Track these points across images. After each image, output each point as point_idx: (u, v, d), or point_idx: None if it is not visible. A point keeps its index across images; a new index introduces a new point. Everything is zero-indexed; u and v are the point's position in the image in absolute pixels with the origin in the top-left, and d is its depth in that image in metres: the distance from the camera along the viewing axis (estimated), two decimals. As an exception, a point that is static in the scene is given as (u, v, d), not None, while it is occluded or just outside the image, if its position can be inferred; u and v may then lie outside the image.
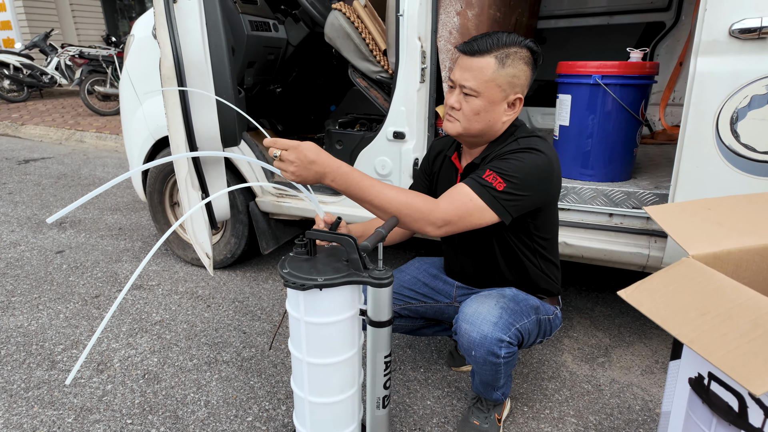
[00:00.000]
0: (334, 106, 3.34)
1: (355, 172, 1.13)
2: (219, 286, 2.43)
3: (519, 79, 1.24)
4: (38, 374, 1.74)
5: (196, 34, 1.30)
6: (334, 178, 1.11)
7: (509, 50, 1.21)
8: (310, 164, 1.07)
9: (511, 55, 1.21)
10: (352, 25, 2.13)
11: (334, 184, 1.12)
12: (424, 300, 1.59)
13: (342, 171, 1.11)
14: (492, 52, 1.21)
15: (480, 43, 1.21)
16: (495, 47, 1.21)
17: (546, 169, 1.22)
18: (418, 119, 1.96)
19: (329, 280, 1.10)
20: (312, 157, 1.06)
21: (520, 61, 1.22)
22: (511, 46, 1.21)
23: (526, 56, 1.23)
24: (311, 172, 1.08)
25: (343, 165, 1.11)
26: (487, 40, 1.21)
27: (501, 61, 1.21)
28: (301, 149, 1.06)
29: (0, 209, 3.50)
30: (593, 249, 1.80)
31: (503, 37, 1.22)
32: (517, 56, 1.22)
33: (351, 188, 1.13)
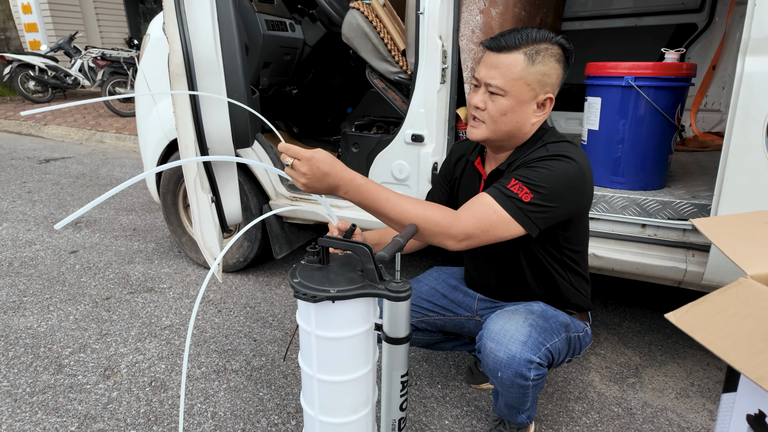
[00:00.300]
0: (350, 109, 3.28)
1: (370, 184, 1.05)
2: (230, 291, 2.38)
3: (550, 78, 1.15)
4: (44, 378, 1.70)
5: (207, 29, 1.24)
6: (348, 191, 1.04)
7: (539, 46, 1.12)
8: (323, 177, 1.00)
9: (541, 52, 1.12)
10: (370, 24, 2.06)
11: (348, 197, 1.05)
12: (443, 313, 1.50)
13: (356, 184, 1.03)
14: (521, 48, 1.12)
15: (508, 39, 1.12)
16: (524, 43, 1.12)
17: (577, 177, 1.13)
18: (438, 122, 1.88)
19: (342, 292, 1.02)
20: (325, 169, 0.99)
21: (551, 59, 1.14)
22: (542, 42, 1.13)
23: (557, 53, 1.14)
24: (324, 185, 1.01)
25: (357, 177, 1.04)
26: (515, 35, 1.12)
27: (530, 58, 1.12)
28: (315, 161, 0.98)
29: (18, 207, 3.52)
30: (624, 262, 1.69)
31: (533, 33, 1.13)
32: (548, 53, 1.13)
33: (365, 201, 1.06)
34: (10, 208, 3.50)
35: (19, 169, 4.64)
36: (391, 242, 1.00)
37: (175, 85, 1.23)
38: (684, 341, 2.03)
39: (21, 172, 4.56)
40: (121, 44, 10.95)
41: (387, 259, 0.96)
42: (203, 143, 1.37)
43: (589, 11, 3.23)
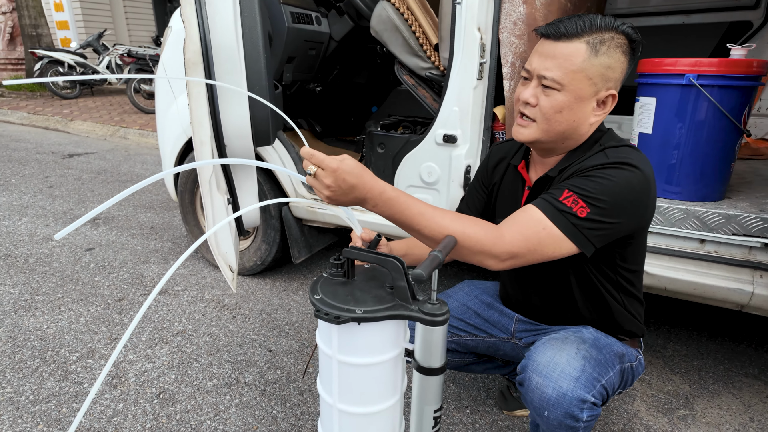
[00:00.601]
0: (375, 107, 3.15)
1: (402, 196, 0.92)
2: (246, 295, 2.27)
3: (614, 71, 0.99)
4: (49, 385, 1.61)
5: (228, 14, 1.12)
6: (376, 205, 0.91)
7: (604, 35, 0.97)
8: (349, 189, 0.87)
9: (606, 42, 0.97)
10: (401, 16, 1.93)
11: (376, 210, 0.92)
12: (476, 333, 1.35)
13: (386, 197, 0.90)
14: (583, 36, 0.97)
15: (569, 25, 0.97)
16: (587, 30, 0.97)
17: (642, 189, 0.97)
18: (473, 121, 1.73)
19: (370, 313, 0.89)
20: (352, 181, 0.86)
21: (617, 50, 0.98)
22: (607, 31, 0.97)
23: (623, 44, 0.99)
24: (349, 198, 0.89)
25: (387, 189, 0.91)
26: (577, 21, 0.97)
27: (594, 48, 0.97)
28: (340, 172, 0.85)
29: (39, 202, 3.50)
30: (679, 281, 1.51)
31: (597, 20, 0.98)
32: (614, 43, 0.98)
33: (396, 216, 0.93)
34: (30, 203, 3.48)
35: (43, 164, 4.66)
36: (428, 258, 0.87)
37: (190, 74, 1.12)
38: (738, 369, 1.84)
39: (44, 166, 4.57)
40: (148, 42, 11.08)
41: (425, 278, 0.82)
42: (220, 140, 1.26)
43: (631, 8, 3.04)
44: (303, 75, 2.44)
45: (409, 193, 1.94)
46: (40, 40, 9.07)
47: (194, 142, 1.14)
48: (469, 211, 1.35)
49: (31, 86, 9.05)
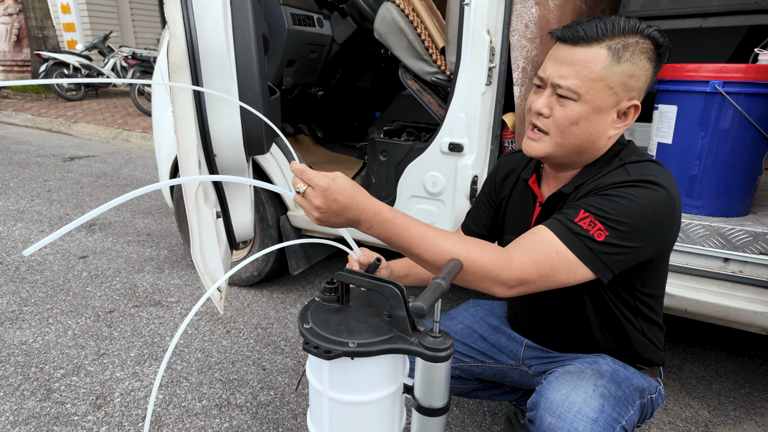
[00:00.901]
0: (379, 113, 3.06)
1: (399, 218, 0.83)
2: (242, 308, 2.18)
3: (637, 80, 0.90)
4: (29, 405, 1.53)
5: (217, 14, 1.04)
6: (371, 226, 0.83)
7: (628, 40, 0.87)
8: (341, 210, 0.80)
9: (630, 47, 0.87)
10: (406, 18, 1.84)
11: (371, 233, 0.84)
12: (481, 359, 1.25)
13: (381, 218, 0.82)
14: (604, 40, 0.87)
15: (588, 28, 0.87)
16: (609, 34, 0.87)
17: (666, 210, 0.87)
18: (480, 129, 1.64)
19: (365, 347, 0.80)
20: (344, 202, 0.79)
21: (642, 56, 0.88)
22: (631, 35, 0.87)
23: (649, 49, 0.89)
24: (341, 219, 0.81)
25: (382, 210, 0.82)
26: (598, 24, 0.88)
27: (616, 54, 0.87)
28: (331, 192, 0.78)
29: (35, 207, 3.43)
30: (701, 303, 1.41)
31: (620, 22, 0.88)
32: (638, 48, 0.88)
33: (393, 238, 0.84)
34: (27, 207, 3.41)
35: (44, 167, 4.60)
36: (430, 286, 0.77)
37: (175, 79, 1.03)
38: (760, 393, 1.73)
39: (44, 169, 4.52)
40: (154, 44, 11.08)
41: (426, 312, 0.72)
42: (209, 149, 1.17)
43: (646, 10, 2.94)
44: (304, 79, 2.35)
45: (413, 204, 1.86)
46: (46, 42, 9.07)
47: (179, 152, 1.05)
48: (476, 226, 1.26)
49: (36, 88, 9.05)
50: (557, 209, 1.01)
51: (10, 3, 9.12)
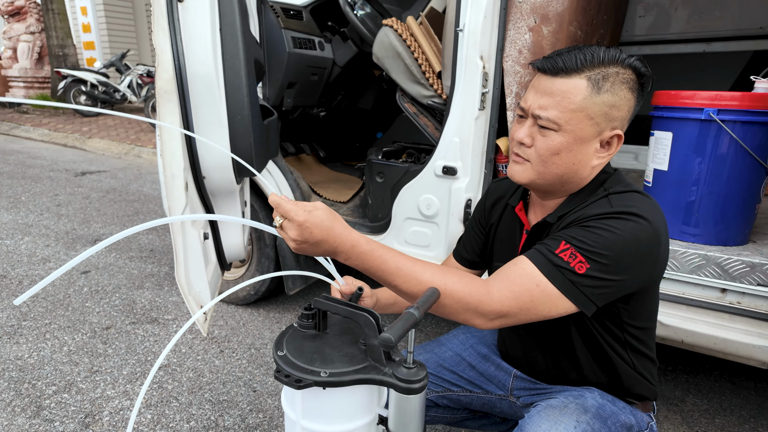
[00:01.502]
0: (380, 133, 3.09)
1: (378, 250, 0.83)
2: (237, 327, 2.17)
3: (619, 110, 0.89)
4: (19, 422, 1.53)
5: (205, 40, 1.06)
6: (348, 258, 0.83)
7: (608, 70, 0.87)
8: (317, 243, 0.81)
9: (610, 77, 0.87)
10: (404, 43, 1.86)
11: (349, 263, 0.84)
12: (470, 388, 1.22)
13: (358, 251, 0.82)
14: (583, 71, 0.87)
15: (567, 59, 0.87)
16: (588, 65, 0.87)
17: (650, 243, 0.85)
18: (474, 153, 1.64)
19: (336, 376, 0.79)
20: (320, 235, 0.80)
21: (623, 86, 0.88)
22: (611, 65, 0.87)
23: (630, 79, 0.88)
24: (319, 250, 0.82)
25: (359, 243, 0.82)
26: (577, 54, 0.88)
27: (596, 84, 0.87)
28: (307, 226, 0.79)
29: (44, 221, 3.49)
30: (698, 334, 1.37)
31: (600, 52, 0.88)
32: (619, 79, 0.87)
33: (371, 270, 0.84)
34: (35, 222, 3.47)
35: (55, 181, 4.70)
36: (402, 316, 0.76)
37: (163, 103, 1.05)
38: (766, 428, 1.66)
39: (56, 184, 4.61)
40: (169, 63, 11.33)
41: (394, 343, 0.71)
42: (197, 172, 1.18)
43: (649, 35, 2.94)
44: (305, 100, 2.38)
45: (407, 226, 1.85)
46: (66, 59, 9.35)
47: (164, 175, 1.07)
48: (467, 252, 1.25)
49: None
50: (542, 238, 1.00)
51: (33, 22, 9.44)
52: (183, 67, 1.04)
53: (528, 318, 0.86)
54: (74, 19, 10.61)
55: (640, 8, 2.94)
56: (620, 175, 0.99)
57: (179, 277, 1.13)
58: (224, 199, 1.35)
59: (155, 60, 1.02)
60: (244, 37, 1.17)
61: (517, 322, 0.86)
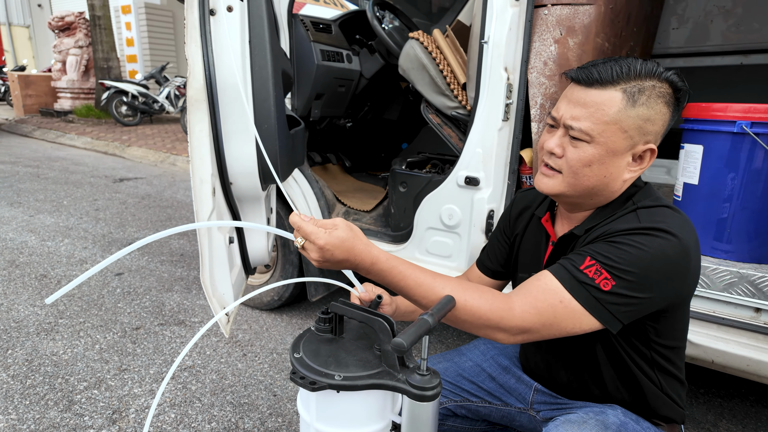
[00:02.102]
0: (405, 144, 3.11)
1: (398, 266, 0.85)
2: (261, 332, 2.21)
3: (654, 124, 0.87)
4: (51, 415, 1.60)
5: (235, 53, 1.11)
6: (369, 273, 0.87)
7: (644, 83, 0.86)
8: (338, 263, 0.84)
9: (646, 90, 0.85)
10: (429, 55, 1.89)
11: (369, 278, 0.89)
12: (489, 400, 1.21)
13: (378, 268, 0.85)
14: (619, 83, 0.86)
15: (603, 70, 0.87)
16: (624, 77, 0.86)
17: (679, 261, 0.83)
18: (497, 164, 1.63)
19: (350, 380, 0.80)
20: (341, 256, 0.82)
21: (659, 100, 0.86)
22: (648, 78, 0.86)
23: (666, 93, 0.87)
24: (341, 267, 0.87)
25: (380, 260, 0.85)
26: (613, 66, 0.87)
27: (631, 97, 0.85)
28: (328, 249, 0.81)
29: (83, 225, 3.65)
30: (730, 354, 1.31)
31: (636, 65, 0.86)
32: (655, 92, 0.86)
33: (391, 286, 0.88)
34: (75, 225, 3.64)
35: (95, 187, 4.91)
36: (416, 322, 0.77)
37: (193, 111, 1.10)
38: (807, 459, 1.57)
39: (95, 189, 4.82)
40: (205, 75, 11.74)
41: (406, 348, 0.72)
42: (225, 177, 1.23)
43: (683, 47, 2.87)
44: (332, 111, 2.43)
45: (429, 236, 1.86)
46: (110, 71, 9.82)
47: (193, 180, 1.11)
48: (490, 262, 1.24)
49: (97, 113, 9.75)
50: (568, 250, 0.99)
51: (81, 36, 9.97)
52: (213, 77, 1.09)
53: (551, 334, 0.85)
54: (119, 34, 11.16)
55: (674, 20, 2.88)
56: (650, 189, 0.97)
57: (204, 279, 1.17)
58: (250, 205, 1.39)
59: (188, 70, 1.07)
60: (273, 49, 1.21)
61: (540, 338, 0.86)
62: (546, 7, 1.54)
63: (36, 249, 3.10)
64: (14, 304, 2.36)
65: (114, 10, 10.84)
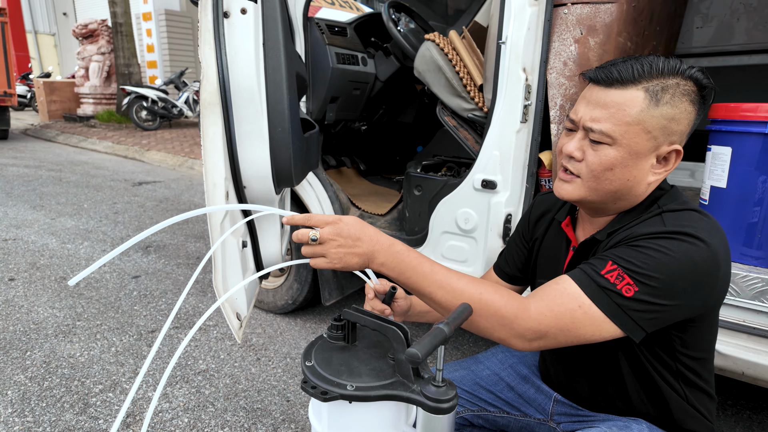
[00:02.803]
0: (421, 147, 3.08)
1: (413, 252, 0.84)
2: (275, 336, 2.20)
3: (679, 124, 0.83)
4: (67, 418, 1.60)
5: (249, 55, 1.10)
6: (385, 260, 0.83)
7: (667, 81, 0.82)
8: (354, 243, 0.82)
9: (669, 89, 0.81)
10: (445, 57, 1.86)
11: (384, 269, 0.84)
12: (507, 410, 1.17)
13: (395, 250, 0.83)
14: (641, 82, 0.82)
15: (624, 69, 0.83)
16: (646, 76, 0.82)
17: (707, 267, 0.78)
18: (515, 167, 1.59)
19: (363, 390, 0.77)
20: (356, 233, 0.81)
21: (683, 98, 0.82)
22: (671, 76, 0.82)
23: (691, 91, 0.83)
24: (356, 253, 0.83)
25: (396, 243, 0.83)
26: (634, 64, 0.83)
27: (654, 96, 0.81)
28: (342, 223, 0.81)
29: (102, 227, 3.71)
30: (762, 367, 1.25)
31: (659, 62, 0.82)
32: (679, 91, 0.82)
33: (406, 273, 0.84)
34: (95, 227, 3.70)
35: (115, 190, 4.99)
36: (431, 331, 0.74)
37: (207, 114, 1.09)
38: None
39: (115, 192, 4.90)
40: (223, 80, 11.89)
41: (420, 359, 0.69)
42: (239, 181, 1.22)
43: (708, 46, 2.79)
44: (347, 114, 2.42)
45: (444, 240, 1.82)
46: (131, 77, 10.02)
47: (206, 184, 1.11)
48: (508, 267, 1.21)
49: (118, 118, 9.94)
50: (590, 256, 0.95)
51: (104, 43, 10.20)
52: (227, 80, 1.09)
53: (569, 340, 0.81)
54: (140, 40, 11.39)
55: (698, 19, 2.80)
56: (677, 191, 0.92)
57: (216, 283, 1.16)
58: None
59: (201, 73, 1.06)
60: (287, 52, 1.20)
61: (557, 345, 0.81)
62: (566, 6, 1.50)
63: (56, 251, 3.15)
64: (34, 305, 2.39)
65: (135, 17, 11.07)
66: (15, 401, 1.67)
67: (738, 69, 2.75)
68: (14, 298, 2.46)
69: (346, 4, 2.76)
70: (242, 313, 1.23)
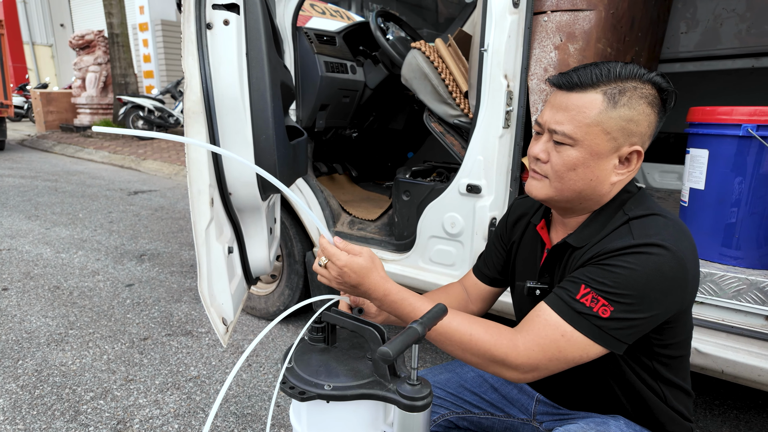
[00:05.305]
0: (411, 153, 3.11)
1: (407, 300, 0.91)
2: (266, 342, 2.21)
3: (638, 125, 0.86)
4: (57, 425, 1.61)
5: (232, 65, 1.13)
6: (380, 305, 0.93)
7: (625, 85, 0.85)
8: (353, 288, 0.92)
9: (627, 92, 0.85)
10: (431, 64, 1.89)
11: (381, 309, 0.95)
12: (491, 411, 1.19)
13: (390, 300, 0.91)
14: (599, 86, 0.86)
15: (583, 74, 0.86)
16: (604, 80, 0.85)
17: (675, 275, 0.81)
18: (498, 171, 1.62)
19: (339, 390, 0.79)
20: (355, 281, 0.90)
21: (641, 101, 0.85)
22: (629, 80, 0.85)
23: (650, 94, 0.86)
24: (356, 293, 0.93)
25: (391, 292, 0.91)
26: (593, 70, 0.87)
27: (612, 99, 0.85)
28: (345, 270, 0.89)
29: (97, 237, 3.72)
30: (740, 364, 1.27)
31: (617, 68, 0.86)
32: (637, 93, 0.85)
33: (401, 318, 0.93)
34: (89, 237, 3.71)
35: (110, 200, 5.01)
36: (404, 331, 0.76)
37: (190, 123, 1.12)
38: (830, 475, 1.50)
39: (111, 202, 4.91)
40: (220, 89, 11.94)
41: (391, 357, 0.71)
42: (224, 188, 1.24)
43: (693, 51, 2.83)
44: (337, 121, 2.45)
45: (432, 244, 1.85)
46: (127, 87, 10.07)
47: (190, 191, 1.13)
48: (487, 269, 1.23)
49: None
50: (563, 259, 0.97)
51: (100, 54, 10.25)
52: (210, 89, 1.11)
53: (560, 367, 0.84)
54: (136, 51, 11.45)
55: (683, 24, 2.85)
56: (643, 195, 0.95)
57: (202, 289, 1.18)
58: (251, 215, 1.40)
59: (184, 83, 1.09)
60: (270, 61, 1.23)
61: (551, 373, 0.85)
62: (545, 13, 1.53)
63: (50, 261, 3.16)
64: (27, 315, 2.40)
65: (132, 28, 11.14)
66: (6, 409, 1.68)
67: (724, 73, 2.79)
68: (7, 308, 2.47)
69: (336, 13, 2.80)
70: (228, 318, 1.25)
